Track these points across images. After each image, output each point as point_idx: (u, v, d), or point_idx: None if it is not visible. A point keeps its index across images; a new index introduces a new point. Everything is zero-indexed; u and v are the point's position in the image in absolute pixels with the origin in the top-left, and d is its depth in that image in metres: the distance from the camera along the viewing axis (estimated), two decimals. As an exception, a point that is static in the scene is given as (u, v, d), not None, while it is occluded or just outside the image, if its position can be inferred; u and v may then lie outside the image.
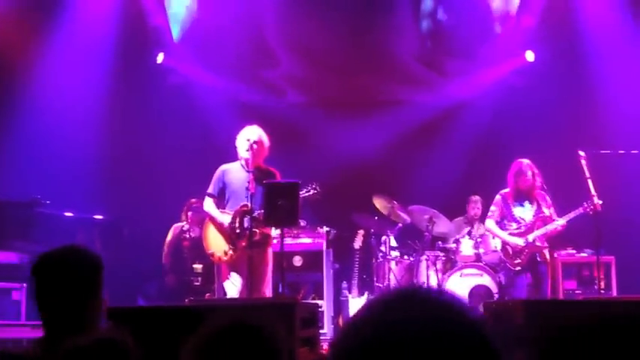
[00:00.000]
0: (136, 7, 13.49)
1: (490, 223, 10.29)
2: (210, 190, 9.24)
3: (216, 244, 9.07)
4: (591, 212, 9.59)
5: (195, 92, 13.86)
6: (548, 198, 10.16)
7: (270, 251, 9.00)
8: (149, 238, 12.28)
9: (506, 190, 10.22)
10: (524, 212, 10.07)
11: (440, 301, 1.50)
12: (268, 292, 9.05)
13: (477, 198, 12.32)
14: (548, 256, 10.03)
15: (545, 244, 10.04)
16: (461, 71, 14.10)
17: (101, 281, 3.64)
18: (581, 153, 9.59)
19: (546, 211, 10.02)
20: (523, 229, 9.96)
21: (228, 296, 8.91)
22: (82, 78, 12.89)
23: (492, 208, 10.32)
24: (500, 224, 10.22)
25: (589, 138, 11.27)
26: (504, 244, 10.13)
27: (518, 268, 9.86)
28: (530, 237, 9.86)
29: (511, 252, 9.97)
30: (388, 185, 12.76)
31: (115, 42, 13.19)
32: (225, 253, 8.97)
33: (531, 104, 13.22)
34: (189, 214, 12.10)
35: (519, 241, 9.87)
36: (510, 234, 10.07)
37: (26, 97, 12.58)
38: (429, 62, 14.12)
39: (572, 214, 9.78)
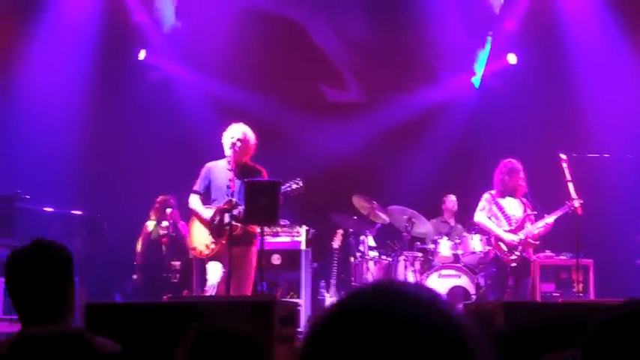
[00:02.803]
0: (118, 3, 13.46)
1: (481, 217, 10.19)
2: (196, 187, 9.21)
3: (199, 238, 9.04)
4: (570, 212, 9.63)
5: (176, 89, 13.85)
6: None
7: (254, 250, 8.97)
8: (128, 234, 12.22)
9: (493, 191, 10.17)
10: (516, 209, 10.06)
11: (415, 296, 1.48)
12: (250, 291, 9.03)
13: (452, 196, 12.40)
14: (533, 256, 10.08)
15: (537, 241, 10.05)
16: (443, 73, 14.12)
17: (72, 272, 3.62)
18: (563, 156, 9.61)
19: (528, 210, 10.05)
20: (514, 226, 9.95)
21: (210, 284, 8.90)
22: (64, 74, 12.89)
23: (482, 204, 10.23)
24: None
25: (569, 141, 11.30)
26: (497, 239, 10.03)
27: (514, 264, 9.83)
28: (522, 234, 9.87)
29: (505, 248, 9.94)
30: (368, 185, 12.79)
31: (97, 38, 13.18)
32: (207, 247, 8.95)
33: (512, 106, 13.24)
34: (169, 211, 11.96)
35: (515, 237, 9.84)
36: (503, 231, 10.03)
37: (7, 93, 12.54)
38: (413, 65, 14.13)
39: (559, 212, 9.77)
